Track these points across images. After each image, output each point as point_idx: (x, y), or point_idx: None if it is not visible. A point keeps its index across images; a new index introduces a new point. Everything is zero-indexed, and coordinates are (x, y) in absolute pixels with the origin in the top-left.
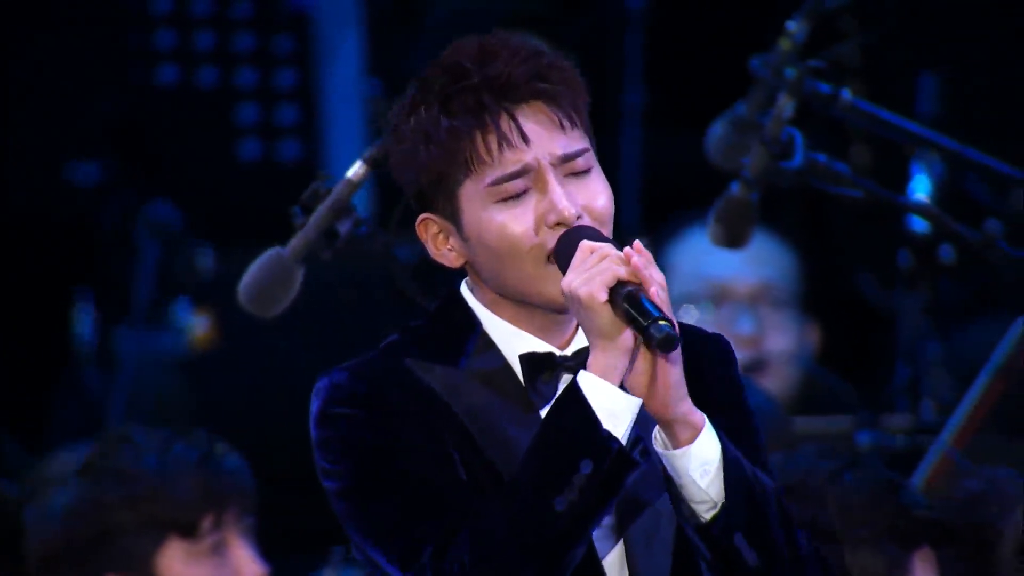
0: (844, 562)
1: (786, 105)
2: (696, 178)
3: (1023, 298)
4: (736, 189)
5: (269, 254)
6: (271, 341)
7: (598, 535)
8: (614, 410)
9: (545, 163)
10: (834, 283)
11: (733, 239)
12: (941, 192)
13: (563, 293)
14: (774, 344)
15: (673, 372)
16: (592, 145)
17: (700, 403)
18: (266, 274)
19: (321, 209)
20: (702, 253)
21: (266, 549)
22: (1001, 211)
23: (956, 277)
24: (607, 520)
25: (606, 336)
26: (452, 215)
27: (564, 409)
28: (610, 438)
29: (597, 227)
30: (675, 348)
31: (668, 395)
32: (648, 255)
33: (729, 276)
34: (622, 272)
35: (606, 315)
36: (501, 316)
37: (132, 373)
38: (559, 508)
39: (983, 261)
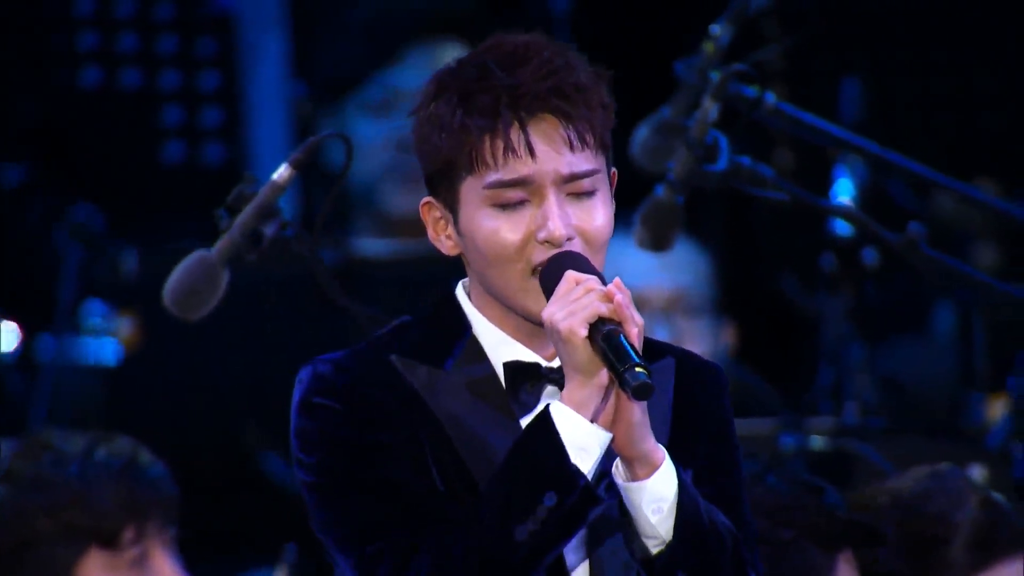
0: (769, 565)
1: (710, 108)
2: (621, 181)
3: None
4: (661, 192)
5: (194, 257)
6: (196, 344)
7: (567, 550)
8: (584, 444)
9: (547, 179)
10: (758, 286)
11: (658, 242)
12: (864, 195)
13: (543, 321)
14: None
15: (636, 412)
16: (607, 168)
17: (689, 430)
18: (191, 277)
19: (246, 211)
20: (617, 261)
21: (189, 554)
22: (923, 214)
23: (879, 280)
24: (577, 538)
25: (583, 372)
26: (451, 206)
27: (534, 438)
28: (577, 473)
29: (589, 251)
30: (649, 396)
31: (631, 434)
32: (628, 293)
33: (643, 284)
34: (604, 310)
35: (585, 351)
36: (491, 318)
37: (54, 377)
38: (519, 537)
39: (906, 264)
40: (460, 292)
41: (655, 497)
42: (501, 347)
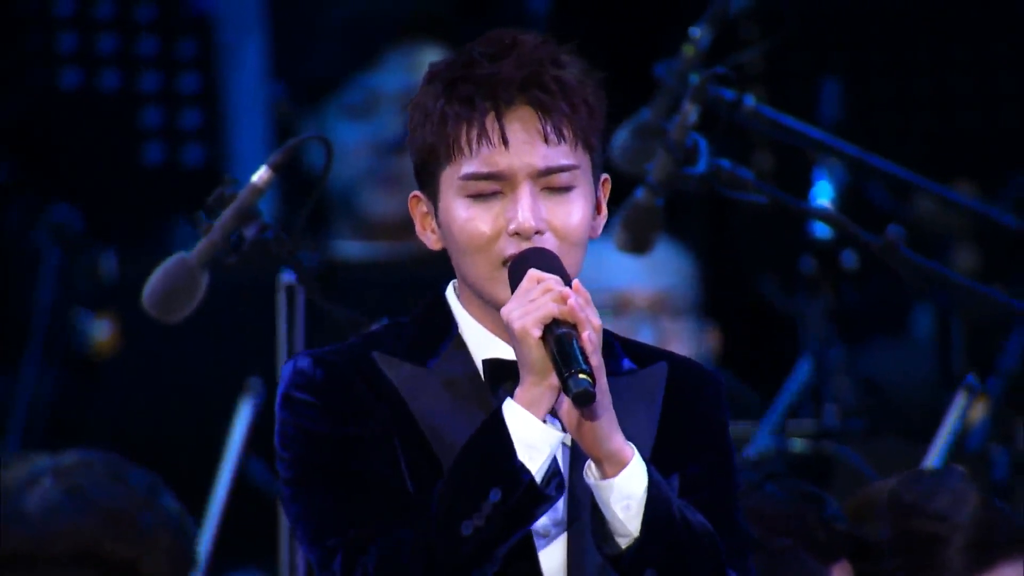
0: (764, 573)
1: (690, 111)
2: None
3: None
4: (641, 195)
5: (174, 259)
6: (175, 346)
7: (544, 550)
8: (533, 442)
9: (521, 171)
10: (737, 288)
11: (638, 245)
12: (843, 198)
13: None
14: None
15: (598, 413)
16: (592, 169)
17: (679, 436)
18: (171, 279)
19: (226, 214)
20: (601, 262)
21: None
22: (903, 216)
23: (858, 282)
24: (557, 532)
25: (536, 372)
26: (433, 197)
27: (485, 436)
28: (522, 469)
29: (562, 248)
30: (590, 404)
31: (596, 433)
32: (586, 295)
33: (628, 286)
34: (557, 311)
35: (538, 352)
36: (476, 316)
37: (34, 377)
38: (465, 532)
39: (885, 267)
40: (449, 292)
41: (624, 494)
42: (484, 345)
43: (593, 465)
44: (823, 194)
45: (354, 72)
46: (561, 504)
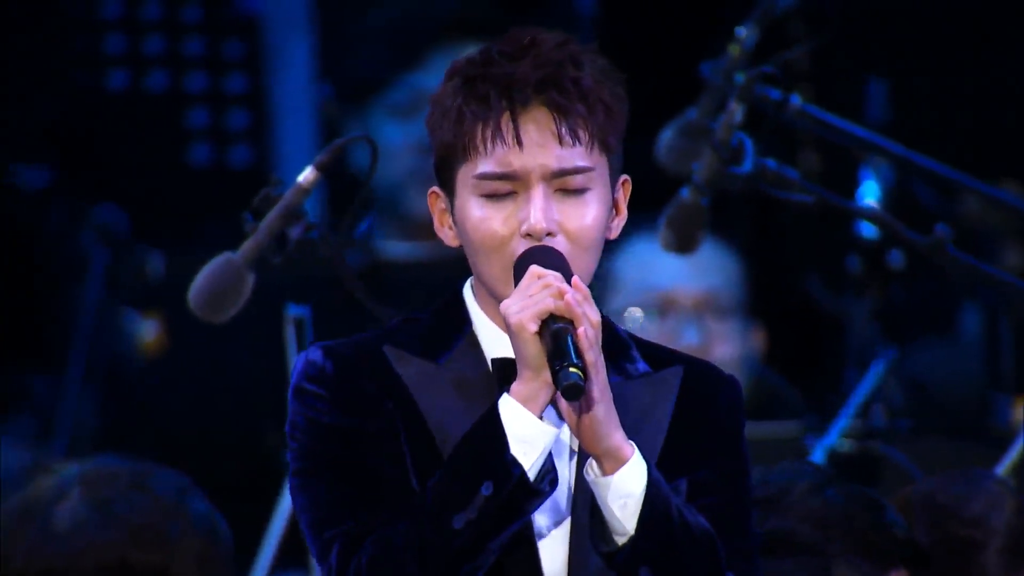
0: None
1: (736, 110)
2: (647, 182)
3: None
4: (686, 194)
5: (220, 259)
6: (221, 346)
7: (544, 548)
8: (527, 437)
9: (535, 172)
10: (784, 288)
11: (683, 244)
12: (890, 197)
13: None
14: (720, 354)
15: (600, 408)
16: (609, 171)
17: (691, 440)
18: (217, 279)
19: (272, 214)
20: (646, 262)
21: None
22: (949, 216)
23: (905, 282)
24: (559, 530)
25: (532, 367)
26: (450, 194)
27: (479, 430)
28: (513, 463)
29: (574, 250)
30: (578, 398)
31: (595, 430)
32: (585, 291)
33: (673, 285)
34: (553, 306)
35: (534, 346)
36: (489, 315)
37: (80, 377)
38: (457, 526)
39: (932, 266)
40: (467, 289)
41: (621, 492)
42: (497, 343)
43: (593, 462)
44: (870, 193)
45: (399, 72)
46: (564, 502)
